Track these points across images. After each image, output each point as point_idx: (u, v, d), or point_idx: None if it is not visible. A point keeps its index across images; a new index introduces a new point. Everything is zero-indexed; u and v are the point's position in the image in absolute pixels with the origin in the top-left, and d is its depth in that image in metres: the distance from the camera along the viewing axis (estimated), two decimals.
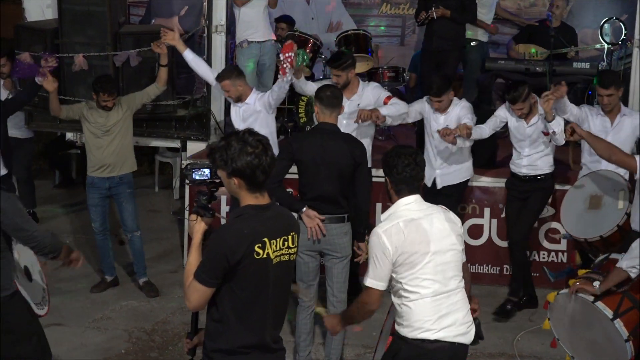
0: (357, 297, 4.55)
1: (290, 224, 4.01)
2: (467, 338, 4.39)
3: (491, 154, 8.16)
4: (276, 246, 3.87)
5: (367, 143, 6.89)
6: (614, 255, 5.58)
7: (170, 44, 7.45)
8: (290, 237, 3.94)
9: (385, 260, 4.28)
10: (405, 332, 4.34)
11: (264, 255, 3.81)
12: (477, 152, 7.58)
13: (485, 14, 9.44)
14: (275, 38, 8.71)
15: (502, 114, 7.25)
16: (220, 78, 7.11)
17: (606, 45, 8.91)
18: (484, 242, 7.93)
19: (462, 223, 7.69)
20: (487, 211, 7.85)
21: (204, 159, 8.25)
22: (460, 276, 4.41)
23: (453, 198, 7.28)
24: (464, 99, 7.55)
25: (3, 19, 11.06)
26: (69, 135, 9.04)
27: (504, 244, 7.88)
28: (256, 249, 3.78)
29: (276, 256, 3.87)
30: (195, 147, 8.63)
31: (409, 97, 9.27)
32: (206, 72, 7.44)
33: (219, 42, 8.48)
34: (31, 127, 9.05)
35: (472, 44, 9.34)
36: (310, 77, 9.15)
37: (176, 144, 8.93)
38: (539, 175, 7.25)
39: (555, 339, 5.50)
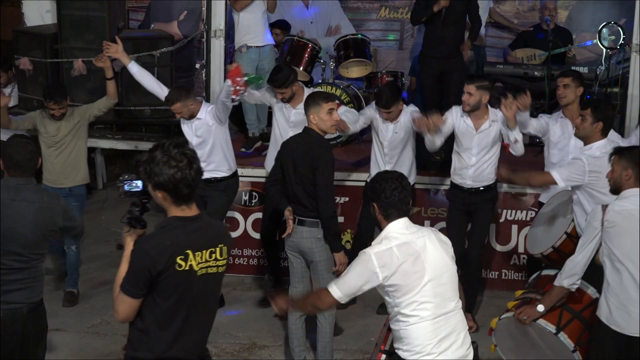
0: (313, 293, 4.62)
1: (219, 236, 3.99)
2: None
3: None
4: (201, 258, 3.87)
5: None
6: (545, 272, 5.68)
7: (113, 57, 7.39)
8: (218, 249, 3.94)
9: (363, 281, 4.26)
10: (406, 355, 4.30)
11: (187, 267, 3.82)
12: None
13: None
14: (274, 42, 8.73)
15: (450, 117, 7.03)
16: (170, 102, 7.04)
17: (604, 50, 8.92)
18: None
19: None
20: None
21: None
22: (457, 297, 4.40)
23: None
24: (411, 104, 7.54)
25: (2, 20, 11.06)
26: None
27: (503, 248, 7.90)
28: (178, 260, 3.79)
29: (201, 268, 3.87)
30: None
31: (410, 100, 9.27)
32: (153, 86, 7.33)
33: (217, 47, 8.49)
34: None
35: None
36: (310, 82, 9.19)
37: None
38: (484, 186, 7.03)
39: None
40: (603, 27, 8.92)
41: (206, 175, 7.08)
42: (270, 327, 7.17)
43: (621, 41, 8.85)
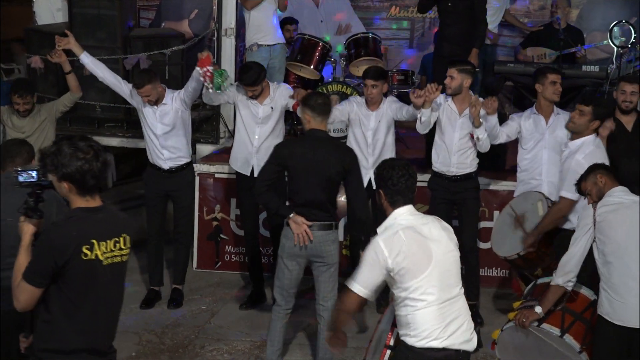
0: (337, 304, 4.57)
1: (122, 225, 4.08)
2: (471, 345, 4.42)
3: (500, 157, 8.12)
4: (106, 248, 3.96)
5: (278, 142, 6.96)
6: (540, 280, 5.71)
7: (67, 48, 7.38)
8: (122, 238, 4.03)
9: (378, 270, 4.30)
10: (413, 341, 4.32)
11: (92, 257, 3.91)
12: (487, 156, 7.51)
13: (489, 16, 9.29)
14: (284, 41, 8.74)
15: (435, 106, 6.97)
16: (140, 85, 7.04)
17: (615, 48, 8.91)
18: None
19: None
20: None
21: (214, 162, 8.29)
22: (460, 283, 4.44)
23: None
24: (390, 95, 7.57)
25: (10, 20, 11.08)
26: None
27: None
28: (84, 250, 3.87)
29: (106, 258, 3.96)
30: (205, 149, 8.66)
31: None
32: (107, 76, 7.35)
33: (228, 45, 8.52)
34: None
35: None
36: (320, 80, 9.20)
37: None
38: (467, 173, 7.04)
39: None
40: (614, 25, 8.91)
41: (171, 163, 7.24)
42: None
43: (632, 40, 8.84)
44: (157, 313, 7.41)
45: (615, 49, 8.85)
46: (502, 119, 7.20)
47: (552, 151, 6.76)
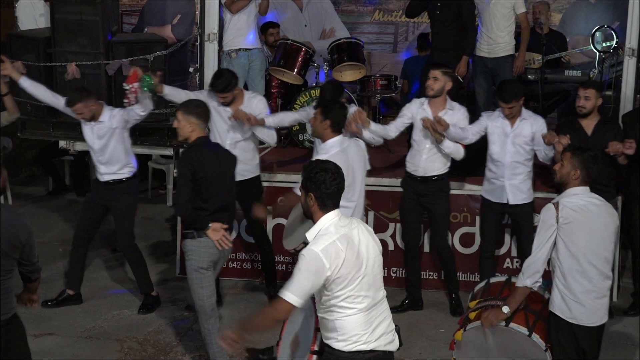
0: (267, 306, 4.56)
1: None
2: (394, 345, 4.51)
3: (483, 163, 8.11)
4: None
5: (251, 154, 7.47)
6: (494, 279, 5.85)
7: (5, 74, 7.38)
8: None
9: (316, 280, 4.24)
10: (341, 346, 4.36)
11: None
12: (469, 162, 7.57)
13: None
14: (262, 45, 8.78)
15: (409, 113, 7.24)
16: (71, 103, 7.10)
17: (598, 53, 8.92)
18: (475, 251, 7.89)
19: (454, 232, 7.85)
20: (478, 220, 7.81)
21: None
22: (383, 285, 4.51)
23: None
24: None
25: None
26: (62, 143, 9.05)
27: (496, 252, 7.89)
28: None
29: None
30: None
31: (403, 104, 9.27)
32: (47, 96, 7.43)
33: (211, 51, 8.49)
34: (24, 135, 9.05)
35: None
36: (304, 85, 9.20)
37: (169, 151, 8.97)
38: (435, 175, 7.24)
39: None
40: (596, 30, 8.92)
41: (107, 178, 7.28)
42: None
43: (614, 44, 8.86)
44: (139, 319, 7.39)
45: (598, 53, 8.86)
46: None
47: (516, 155, 7.06)
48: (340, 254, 4.25)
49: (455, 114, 7.17)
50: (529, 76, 8.89)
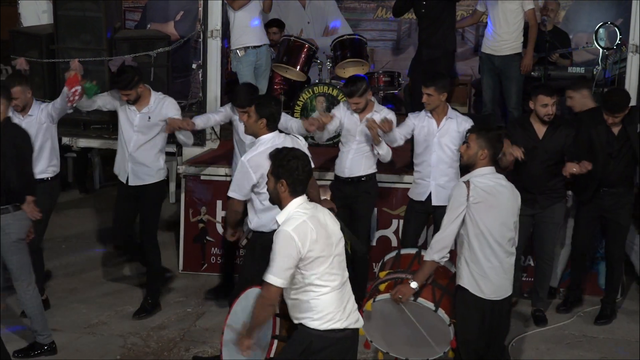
0: (257, 298, 4.67)
1: None
2: (360, 323, 4.75)
3: None
4: None
5: (154, 157, 7.24)
6: (404, 251, 5.95)
7: None
8: None
9: (293, 260, 4.45)
10: (316, 325, 4.56)
11: None
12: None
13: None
14: (269, 42, 8.75)
15: (338, 114, 7.20)
16: (11, 85, 6.82)
17: (601, 50, 8.92)
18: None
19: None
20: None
21: (199, 164, 8.28)
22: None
23: None
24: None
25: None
26: (65, 140, 9.04)
27: None
28: None
29: None
30: (190, 151, 8.64)
31: (407, 101, 9.29)
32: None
33: (214, 47, 8.50)
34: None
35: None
36: (307, 82, 9.19)
37: (172, 148, 8.95)
38: (362, 176, 7.18)
39: (368, 341, 5.73)
40: (600, 27, 8.92)
41: (39, 175, 6.97)
42: None
43: (618, 41, 8.86)
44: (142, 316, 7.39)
45: (601, 50, 8.86)
46: None
47: (442, 154, 6.99)
48: (312, 233, 4.47)
49: (382, 116, 6.99)
50: (532, 73, 8.88)
